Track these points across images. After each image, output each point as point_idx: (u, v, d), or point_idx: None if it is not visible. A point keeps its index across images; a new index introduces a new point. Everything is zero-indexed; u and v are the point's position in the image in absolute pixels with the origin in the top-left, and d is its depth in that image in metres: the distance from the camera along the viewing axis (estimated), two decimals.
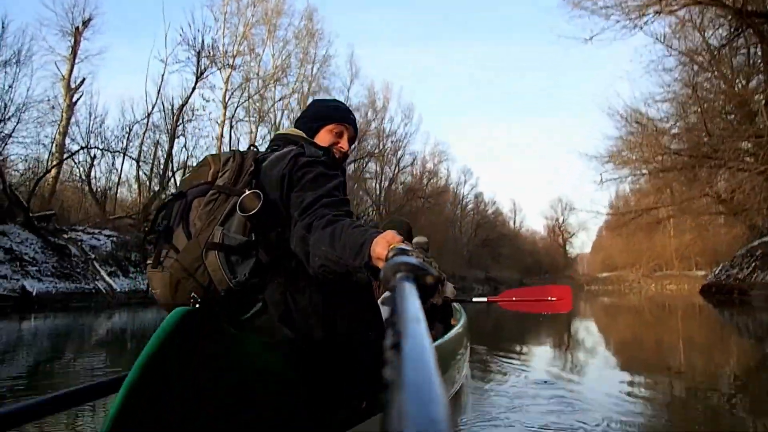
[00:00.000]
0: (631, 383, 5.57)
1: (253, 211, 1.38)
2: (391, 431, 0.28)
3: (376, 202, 43.83)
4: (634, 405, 4.11)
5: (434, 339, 2.92)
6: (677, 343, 11.34)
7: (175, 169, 26.21)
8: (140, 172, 25.98)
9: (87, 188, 23.40)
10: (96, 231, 19.87)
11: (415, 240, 5.77)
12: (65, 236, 17.68)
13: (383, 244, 1.10)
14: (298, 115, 1.87)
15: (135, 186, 26.59)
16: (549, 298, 3.68)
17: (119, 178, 26.42)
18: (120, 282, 17.97)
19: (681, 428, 4.42)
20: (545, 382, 4.01)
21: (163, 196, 25.04)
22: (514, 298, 3.81)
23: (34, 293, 14.26)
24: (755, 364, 8.90)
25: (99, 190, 24.33)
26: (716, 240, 29.90)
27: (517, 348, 7.46)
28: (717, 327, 15.16)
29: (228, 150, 1.69)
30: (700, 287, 26.69)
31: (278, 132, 1.82)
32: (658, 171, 20.15)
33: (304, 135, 1.74)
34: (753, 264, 20.00)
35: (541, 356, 6.91)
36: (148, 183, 26.07)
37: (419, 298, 0.59)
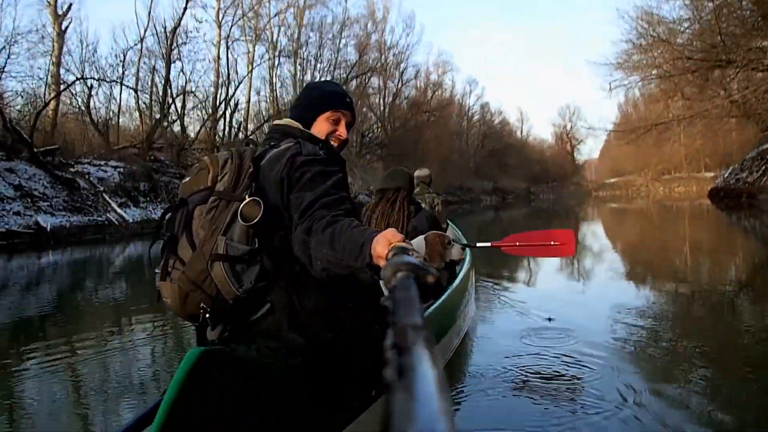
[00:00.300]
0: (636, 298, 5.69)
1: (255, 221, 1.40)
2: (393, 430, 0.29)
3: (381, 118, 43.15)
4: (639, 326, 4.19)
5: (441, 287, 2.91)
6: (683, 248, 11.49)
7: (174, 95, 25.73)
8: (139, 101, 25.58)
9: (88, 119, 23.12)
10: (102, 163, 19.87)
11: (416, 173, 5.51)
12: (72, 170, 17.72)
13: (384, 243, 1.10)
14: (293, 103, 1.85)
15: (136, 115, 26.28)
16: (552, 243, 3.62)
17: (119, 107, 26.09)
18: (131, 212, 18.20)
19: (683, 342, 4.55)
20: (549, 319, 3.99)
21: (165, 123, 24.76)
22: (517, 243, 3.75)
23: (48, 228, 14.51)
24: (759, 266, 9.06)
25: (100, 120, 24.04)
26: (726, 141, 29.41)
27: (523, 264, 7.54)
28: (723, 230, 15.28)
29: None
30: (708, 190, 26.60)
31: (275, 123, 1.79)
32: (669, 75, 19.42)
33: (300, 126, 1.72)
34: (763, 167, 19.62)
35: (545, 274, 6.96)
36: (148, 111, 25.68)
37: (420, 297, 0.60)
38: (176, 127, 26.20)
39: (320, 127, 1.73)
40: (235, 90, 29.48)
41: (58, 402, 3.65)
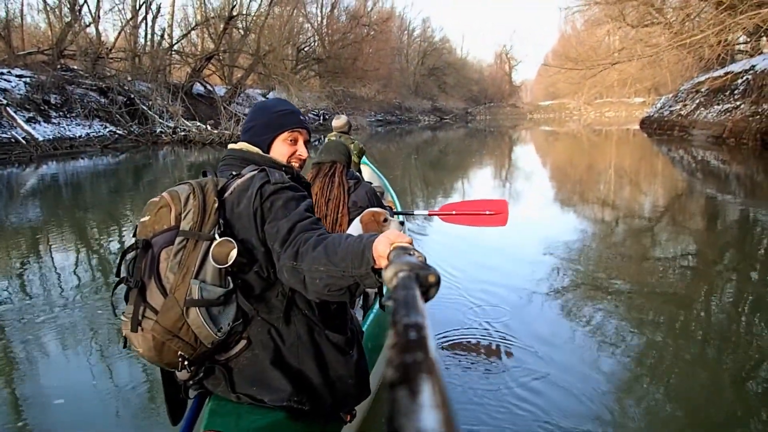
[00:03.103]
0: (562, 228, 6.01)
1: (229, 263, 1.35)
2: (394, 429, 0.29)
3: (318, 30, 40.97)
4: (564, 290, 4.27)
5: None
6: (610, 174, 11.77)
7: None
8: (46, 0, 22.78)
9: None
10: (4, 71, 17.78)
11: (334, 123, 5.45)
12: None
13: (385, 243, 1.11)
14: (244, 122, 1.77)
15: (43, 16, 23.51)
16: (486, 212, 3.90)
17: (21, 6, 23.21)
18: (42, 129, 16.56)
19: (605, 265, 4.90)
20: (483, 299, 3.99)
21: (78, 27, 22.35)
22: (453, 212, 4.01)
23: None
24: (680, 192, 9.42)
25: (0, 21, 21.34)
26: (657, 69, 29.86)
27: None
28: (651, 158, 15.79)
29: None
30: (640, 120, 27.19)
31: (231, 148, 1.68)
32: (612, 0, 19.18)
33: (260, 152, 1.64)
34: (697, 100, 19.91)
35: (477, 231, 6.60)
36: (57, 12, 22.99)
37: (421, 296, 0.60)
38: (91, 32, 23.72)
39: (279, 150, 1.67)
40: None
41: None
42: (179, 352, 1.38)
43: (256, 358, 1.46)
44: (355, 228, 2.18)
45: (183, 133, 20.68)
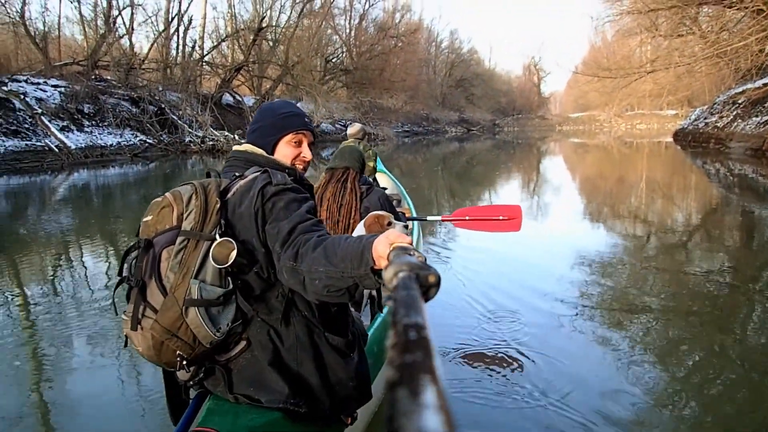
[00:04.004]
0: (590, 242, 5.73)
1: (229, 263, 1.36)
2: (394, 430, 0.29)
3: (346, 42, 41.28)
4: (582, 302, 4.07)
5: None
6: (641, 187, 11.43)
7: (120, 7, 23.67)
8: (81, 13, 23.42)
9: (23, 31, 21.06)
10: (40, 81, 18.26)
11: (349, 131, 5.45)
12: (5, 88, 16.19)
13: (385, 243, 1.10)
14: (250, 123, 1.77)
15: (79, 28, 24.16)
16: (500, 218, 3.79)
17: (59, 19, 23.90)
18: (75, 138, 16.91)
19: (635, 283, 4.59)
20: (495, 312, 3.82)
21: (111, 39, 22.90)
22: (467, 217, 3.91)
23: None
24: (715, 207, 9.07)
25: (38, 33, 21.98)
26: (692, 80, 29.14)
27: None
28: (685, 171, 15.32)
29: None
30: (673, 132, 26.51)
31: (236, 149, 1.70)
32: (648, 11, 18.77)
33: (264, 153, 1.66)
34: (735, 112, 19.27)
35: (496, 239, 6.11)
36: (92, 25, 23.61)
37: (421, 296, 0.60)
38: (125, 44, 24.30)
39: (283, 152, 1.68)
40: (189, 4, 27.33)
41: (8, 333, 3.57)
42: (178, 352, 1.39)
43: (255, 359, 1.46)
44: (359, 231, 2.14)
45: (211, 143, 20.93)
